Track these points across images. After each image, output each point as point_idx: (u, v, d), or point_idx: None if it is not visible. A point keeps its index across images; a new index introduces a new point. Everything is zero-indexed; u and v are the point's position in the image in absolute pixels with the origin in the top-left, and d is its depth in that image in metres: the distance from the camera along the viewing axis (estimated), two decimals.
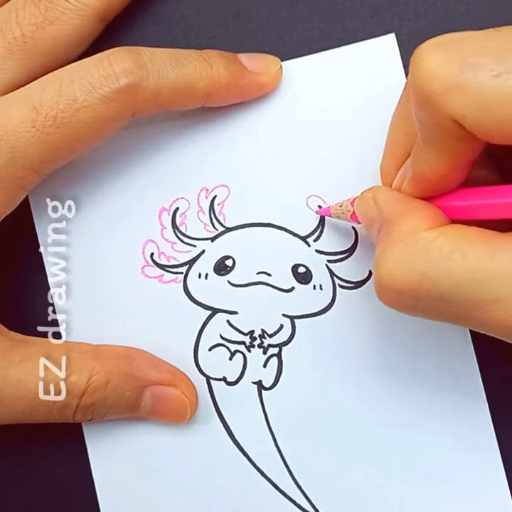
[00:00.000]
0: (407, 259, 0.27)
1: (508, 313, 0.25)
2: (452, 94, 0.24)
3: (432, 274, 0.26)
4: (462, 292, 0.26)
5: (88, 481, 0.37)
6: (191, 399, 0.36)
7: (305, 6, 0.36)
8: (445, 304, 0.26)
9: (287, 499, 0.36)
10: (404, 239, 0.27)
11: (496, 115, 0.23)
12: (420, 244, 0.27)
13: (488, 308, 0.25)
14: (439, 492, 0.36)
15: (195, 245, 0.37)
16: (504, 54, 0.23)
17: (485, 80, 0.23)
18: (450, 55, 0.24)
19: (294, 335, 0.36)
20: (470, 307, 0.26)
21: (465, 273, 0.25)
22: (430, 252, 0.26)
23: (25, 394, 0.33)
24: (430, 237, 0.27)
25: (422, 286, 0.26)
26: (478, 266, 0.25)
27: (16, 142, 0.31)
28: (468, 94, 0.24)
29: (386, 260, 0.27)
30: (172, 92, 0.33)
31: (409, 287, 0.27)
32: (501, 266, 0.25)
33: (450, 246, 0.26)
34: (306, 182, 0.36)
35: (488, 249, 0.25)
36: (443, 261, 0.26)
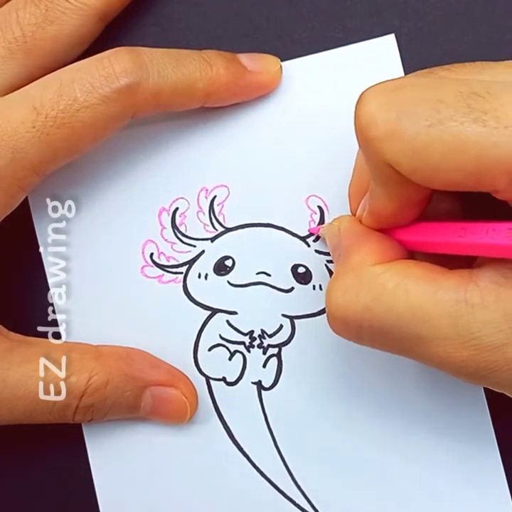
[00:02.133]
0: (353, 290, 0.28)
1: (448, 350, 0.26)
2: (388, 140, 0.24)
3: (374, 307, 0.27)
4: (403, 327, 0.26)
5: (88, 481, 0.37)
6: (191, 399, 0.36)
7: (305, 6, 0.36)
8: (388, 337, 0.27)
9: (287, 499, 0.36)
10: (353, 270, 0.28)
11: (430, 163, 0.24)
12: (366, 278, 0.28)
13: (429, 345, 0.26)
14: (439, 493, 0.36)
15: (194, 245, 0.37)
16: (438, 105, 0.24)
17: (419, 129, 0.24)
18: (389, 102, 0.25)
19: (293, 335, 0.36)
20: (411, 342, 0.27)
21: (406, 309, 0.26)
22: (374, 286, 0.27)
23: (25, 394, 0.33)
24: (376, 271, 0.28)
25: (364, 318, 0.27)
26: (419, 303, 0.26)
27: (16, 143, 0.31)
28: (404, 141, 0.24)
29: (335, 289, 0.29)
30: (172, 92, 0.33)
31: (354, 318, 0.28)
32: (441, 304, 0.26)
33: (394, 282, 0.27)
34: (305, 182, 0.36)
35: (431, 287, 0.26)
36: (385, 296, 0.27)
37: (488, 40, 0.35)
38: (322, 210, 0.36)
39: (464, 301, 0.25)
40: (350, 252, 0.29)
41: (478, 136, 0.23)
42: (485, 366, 0.26)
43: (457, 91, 0.24)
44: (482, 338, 0.25)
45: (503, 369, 0.26)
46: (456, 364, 0.26)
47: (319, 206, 0.36)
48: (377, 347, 0.29)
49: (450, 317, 0.26)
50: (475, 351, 0.25)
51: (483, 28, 0.35)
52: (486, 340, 0.25)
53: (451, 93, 0.24)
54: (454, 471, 0.36)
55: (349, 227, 0.31)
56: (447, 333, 0.26)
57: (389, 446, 0.36)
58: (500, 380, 0.26)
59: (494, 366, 0.26)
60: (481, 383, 0.27)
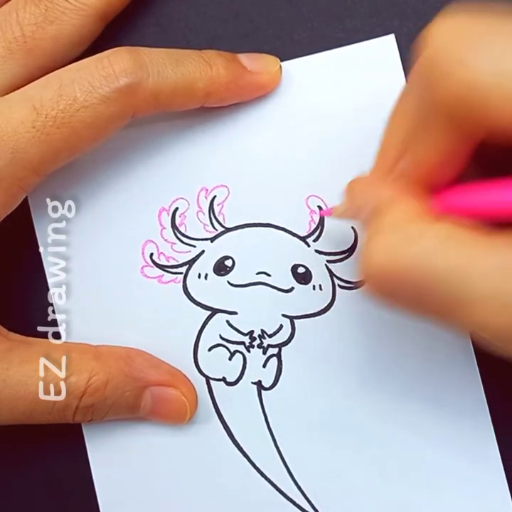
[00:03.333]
0: (397, 245, 0.26)
1: (486, 314, 0.25)
2: (465, 62, 0.24)
3: (420, 263, 0.26)
4: (445, 287, 0.25)
5: (88, 481, 0.37)
6: (191, 399, 0.36)
7: (305, 6, 0.36)
8: (427, 298, 0.26)
9: (287, 499, 0.36)
10: (397, 224, 0.27)
11: (507, 93, 0.23)
12: (412, 233, 0.26)
13: (469, 308, 0.25)
14: (438, 492, 0.36)
15: (194, 245, 0.37)
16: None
17: (500, 57, 0.23)
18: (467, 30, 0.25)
19: (293, 335, 0.36)
20: (452, 305, 0.26)
21: (450, 269, 0.25)
22: (421, 243, 0.26)
23: (25, 395, 0.33)
24: (424, 224, 0.26)
25: (407, 276, 0.26)
26: (462, 263, 0.25)
27: (16, 143, 0.31)
28: (483, 63, 0.23)
29: (375, 246, 0.27)
30: (172, 92, 0.33)
31: (395, 275, 0.26)
32: (483, 267, 0.25)
33: (444, 236, 0.26)
34: (305, 182, 0.36)
35: (476, 250, 0.25)
36: (432, 253, 0.26)
37: None
38: (322, 210, 0.36)
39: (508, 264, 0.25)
40: (388, 207, 0.28)
41: None
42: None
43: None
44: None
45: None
46: (495, 329, 0.25)
47: (319, 206, 0.36)
48: (415, 309, 0.28)
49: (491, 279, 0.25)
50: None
51: None
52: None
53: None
54: (454, 471, 0.36)
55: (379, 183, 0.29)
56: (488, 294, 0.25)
57: (389, 446, 0.36)
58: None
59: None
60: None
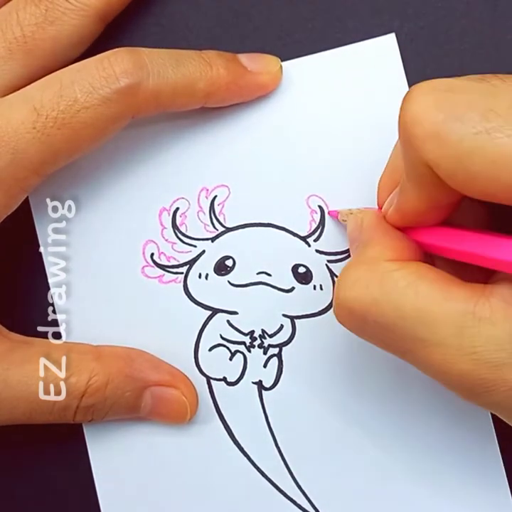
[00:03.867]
0: (364, 282, 0.28)
1: (447, 359, 0.26)
2: (431, 141, 0.24)
3: (382, 302, 0.27)
4: (407, 328, 0.26)
5: (88, 481, 0.37)
6: (191, 399, 0.36)
7: (305, 7, 0.36)
8: (390, 335, 0.27)
9: (287, 499, 0.37)
10: (368, 263, 0.28)
11: (470, 170, 0.24)
12: (379, 272, 0.28)
13: (428, 350, 0.26)
14: (439, 492, 0.36)
15: (195, 245, 0.37)
16: (489, 114, 0.23)
17: (465, 134, 0.24)
18: (438, 102, 0.24)
19: (294, 335, 0.36)
20: (412, 344, 0.27)
21: (413, 310, 0.26)
22: (386, 282, 0.27)
23: (25, 395, 0.33)
24: (390, 267, 0.28)
25: (371, 311, 0.27)
26: (427, 306, 0.26)
27: (16, 143, 0.31)
28: (447, 145, 0.24)
29: (346, 278, 0.29)
30: (172, 93, 0.33)
31: (360, 309, 0.28)
32: (448, 312, 0.26)
33: (406, 281, 0.27)
34: (306, 182, 0.36)
35: (441, 293, 0.26)
36: (395, 293, 0.27)
37: (489, 40, 0.35)
38: (323, 209, 0.36)
39: (472, 313, 0.25)
40: (368, 245, 0.29)
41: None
42: (481, 383, 0.25)
43: (510, 102, 0.24)
44: (483, 353, 0.25)
45: (499, 389, 0.25)
46: (453, 376, 0.26)
47: (320, 206, 0.36)
48: (377, 343, 0.29)
49: (455, 326, 0.25)
50: (474, 366, 0.25)
51: (483, 28, 0.35)
52: (486, 357, 0.25)
53: (503, 104, 0.24)
54: (454, 471, 0.36)
55: (372, 221, 0.31)
56: (449, 341, 0.25)
57: (390, 446, 0.36)
58: (494, 401, 0.26)
59: (491, 385, 0.25)
60: (475, 401, 0.27)
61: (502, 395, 0.25)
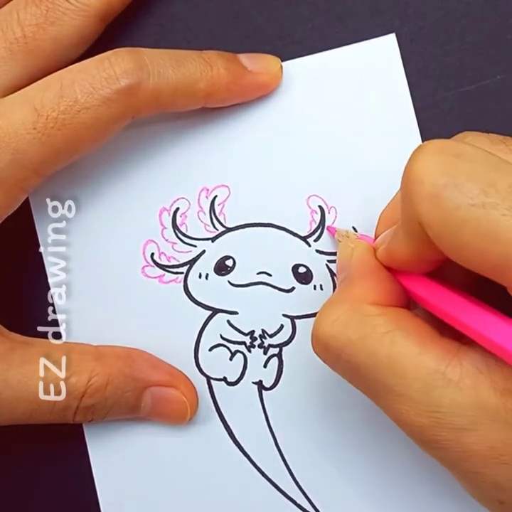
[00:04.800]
0: (344, 320, 0.28)
1: (410, 412, 0.27)
2: (428, 202, 0.24)
3: (357, 344, 0.28)
4: (378, 374, 0.27)
5: (89, 481, 0.37)
6: (191, 399, 0.36)
7: (305, 7, 0.36)
8: (361, 376, 0.28)
9: (287, 499, 0.37)
10: (351, 302, 0.29)
11: (459, 239, 0.24)
12: (359, 314, 0.28)
13: (395, 399, 0.27)
14: (439, 492, 0.36)
15: (195, 245, 0.37)
16: (489, 189, 0.24)
17: (461, 204, 0.24)
18: (443, 166, 0.25)
19: (294, 335, 0.36)
20: (380, 390, 0.27)
21: (386, 359, 0.27)
22: (364, 325, 0.28)
23: (25, 395, 0.33)
24: (371, 311, 0.28)
25: (345, 351, 0.28)
26: (400, 358, 0.27)
27: (17, 144, 0.31)
28: (442, 209, 0.24)
29: (327, 313, 0.29)
30: (172, 93, 0.33)
31: (335, 346, 0.28)
32: (420, 368, 0.26)
33: (384, 328, 0.27)
34: (306, 182, 0.36)
35: (416, 348, 0.27)
36: (372, 338, 0.27)
37: (489, 40, 0.35)
38: (323, 209, 0.36)
39: (442, 373, 0.26)
40: (355, 282, 0.30)
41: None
42: (438, 440, 0.26)
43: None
44: (446, 414, 0.26)
45: (453, 449, 0.26)
46: (413, 427, 0.27)
47: (320, 206, 0.36)
48: (349, 381, 0.30)
49: (424, 383, 0.26)
50: (435, 424, 0.26)
51: (483, 28, 0.35)
52: (448, 418, 0.26)
53: (505, 182, 0.24)
54: None
55: (363, 256, 0.31)
56: (416, 396, 0.26)
57: (390, 445, 0.36)
58: (446, 458, 0.27)
59: (447, 444, 0.26)
60: (429, 453, 0.28)
61: (456, 455, 0.26)
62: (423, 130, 0.35)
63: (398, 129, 0.36)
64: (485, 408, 0.25)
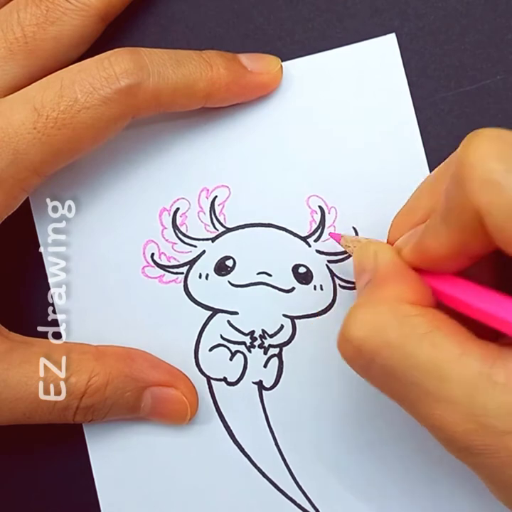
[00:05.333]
0: (379, 322, 0.27)
1: (453, 417, 0.25)
2: (488, 189, 0.23)
3: (395, 347, 0.26)
4: (416, 377, 0.26)
5: (88, 481, 0.37)
6: (191, 400, 0.36)
7: (305, 7, 0.36)
8: (396, 381, 0.26)
9: (287, 499, 0.37)
10: (387, 303, 0.27)
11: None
12: (397, 315, 0.27)
13: (434, 405, 0.25)
14: (439, 492, 0.36)
15: (195, 245, 0.37)
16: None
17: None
18: (502, 152, 0.24)
19: (294, 335, 0.36)
20: (417, 394, 0.26)
21: (427, 362, 0.25)
22: (403, 327, 0.26)
23: (25, 395, 0.33)
24: (410, 312, 0.27)
25: (381, 353, 0.26)
26: (442, 361, 0.25)
27: (17, 144, 0.31)
28: (503, 195, 0.23)
29: (361, 315, 0.27)
30: (172, 93, 0.33)
31: (370, 349, 0.27)
32: (464, 370, 0.25)
33: (425, 329, 0.26)
34: (306, 182, 0.36)
35: (458, 349, 0.25)
36: (412, 339, 0.26)
37: (489, 40, 0.35)
38: (323, 210, 0.36)
39: (487, 375, 0.24)
40: (387, 283, 0.28)
41: None
42: (481, 445, 0.25)
43: None
44: (492, 418, 0.24)
45: (497, 455, 0.25)
46: (455, 433, 0.25)
47: (320, 206, 0.36)
48: (380, 386, 0.28)
49: (469, 386, 0.25)
50: (480, 428, 0.24)
51: (483, 28, 0.35)
52: (495, 422, 0.24)
53: None
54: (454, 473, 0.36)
55: (389, 257, 0.29)
56: (460, 400, 0.25)
57: (390, 445, 0.36)
58: (486, 464, 0.25)
59: (490, 449, 0.25)
60: (466, 459, 0.26)
61: (499, 461, 0.25)
62: (423, 130, 0.35)
63: (398, 129, 0.36)
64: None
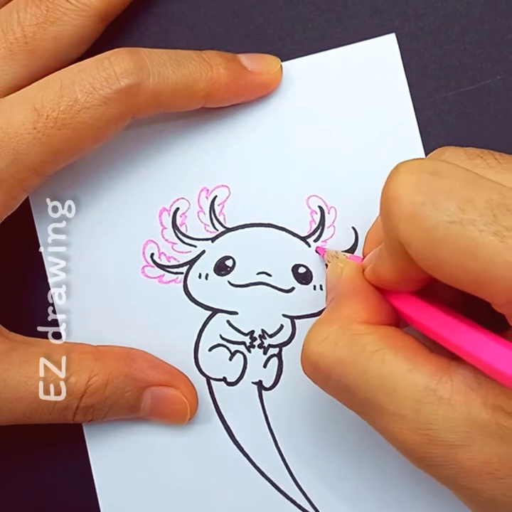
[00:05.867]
0: (333, 340, 0.28)
1: (402, 429, 0.26)
2: (406, 221, 0.24)
3: (347, 363, 0.27)
4: (369, 392, 0.27)
5: (88, 481, 0.37)
6: (191, 400, 0.36)
7: (305, 7, 0.36)
8: (351, 395, 0.28)
9: (287, 499, 0.37)
10: (340, 321, 0.29)
11: (439, 256, 0.24)
12: (349, 333, 0.28)
13: (386, 418, 0.27)
14: (438, 492, 0.36)
15: (195, 245, 0.37)
16: (466, 205, 0.24)
17: (440, 221, 0.24)
18: (420, 185, 0.24)
19: (294, 335, 0.36)
20: (372, 408, 0.27)
21: (377, 377, 0.27)
22: (354, 344, 0.27)
23: (25, 395, 0.33)
24: (361, 330, 0.28)
25: (335, 370, 0.28)
26: (391, 376, 0.26)
27: (17, 144, 0.31)
28: (421, 227, 0.24)
29: (316, 332, 0.29)
30: (172, 93, 0.33)
31: (325, 366, 0.28)
32: (410, 386, 0.26)
33: (374, 347, 0.27)
34: (306, 182, 0.36)
35: (406, 365, 0.26)
36: (362, 357, 0.27)
37: (489, 40, 0.35)
38: (323, 210, 0.36)
39: (433, 390, 0.26)
40: (344, 301, 0.29)
41: (492, 250, 0.23)
42: (432, 458, 0.26)
43: (489, 197, 0.24)
44: (438, 431, 0.25)
45: (448, 466, 0.26)
46: (406, 445, 0.26)
47: (320, 206, 0.36)
48: (340, 400, 0.29)
49: (415, 400, 0.26)
50: (428, 441, 0.26)
51: (483, 28, 0.35)
52: (441, 435, 0.25)
53: (482, 197, 0.24)
54: None
55: (352, 275, 0.30)
56: (407, 414, 0.26)
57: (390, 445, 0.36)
58: (441, 475, 0.26)
59: (441, 461, 0.26)
60: (425, 470, 0.27)
61: (451, 472, 0.26)
62: (423, 130, 0.35)
63: (398, 129, 0.36)
64: (477, 424, 0.25)
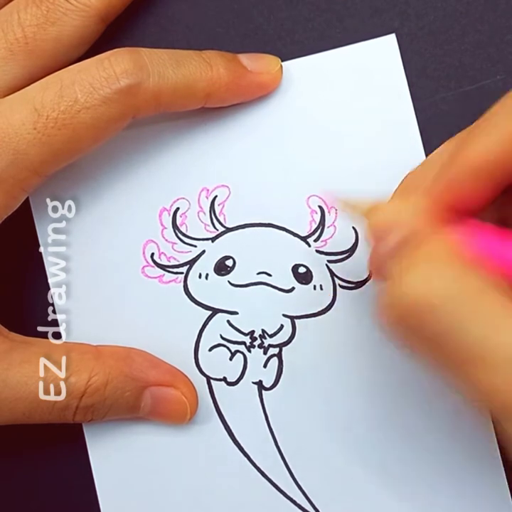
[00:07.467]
0: (438, 280, 0.25)
1: (500, 381, 0.23)
2: None
3: (459, 299, 0.24)
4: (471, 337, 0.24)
5: (88, 481, 0.37)
6: (191, 400, 0.36)
7: (305, 7, 0.36)
8: (448, 343, 0.24)
9: (287, 499, 0.37)
10: (437, 261, 0.25)
11: None
12: (453, 273, 0.25)
13: (483, 366, 0.23)
14: (438, 492, 0.36)
15: (195, 245, 0.37)
16: None
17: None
18: None
19: (294, 335, 0.36)
20: (468, 355, 0.24)
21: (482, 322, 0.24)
22: (459, 286, 0.24)
23: (25, 395, 0.33)
24: (463, 270, 0.25)
25: (445, 307, 0.24)
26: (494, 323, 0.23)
27: (17, 144, 0.31)
28: None
29: (414, 275, 0.25)
30: (172, 93, 0.33)
31: (430, 307, 0.24)
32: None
33: (481, 286, 0.24)
34: (306, 182, 0.36)
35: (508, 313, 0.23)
36: (477, 295, 0.24)
37: (489, 40, 0.35)
38: (323, 209, 0.36)
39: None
40: (426, 240, 0.26)
41: None
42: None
43: None
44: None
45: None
46: (503, 398, 0.23)
47: (320, 206, 0.36)
48: (429, 348, 0.25)
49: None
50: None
51: (483, 28, 0.35)
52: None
53: None
54: (454, 471, 0.36)
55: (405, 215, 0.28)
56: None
57: (390, 445, 0.36)
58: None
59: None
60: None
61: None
62: (423, 130, 0.35)
63: (398, 129, 0.35)
64: None
